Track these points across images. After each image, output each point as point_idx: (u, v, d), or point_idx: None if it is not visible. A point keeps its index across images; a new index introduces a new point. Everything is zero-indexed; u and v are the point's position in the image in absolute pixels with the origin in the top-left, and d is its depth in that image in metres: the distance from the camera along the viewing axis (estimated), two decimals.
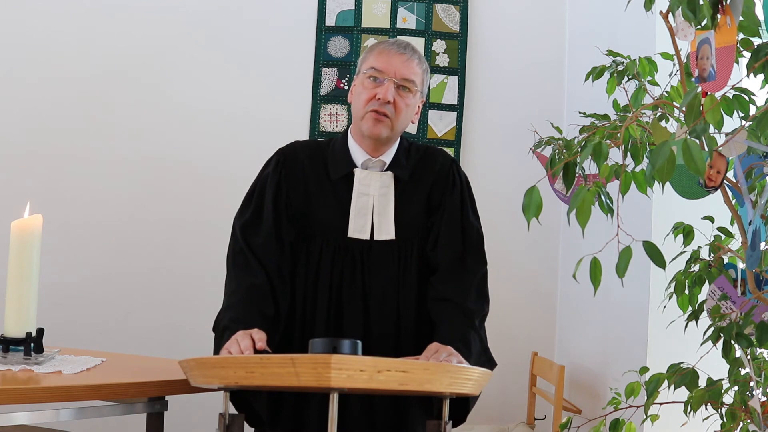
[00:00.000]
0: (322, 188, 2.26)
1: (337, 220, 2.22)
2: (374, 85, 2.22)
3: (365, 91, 2.23)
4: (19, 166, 4.24)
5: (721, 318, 2.18)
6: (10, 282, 2.27)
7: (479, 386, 1.67)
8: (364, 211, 2.21)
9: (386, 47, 2.25)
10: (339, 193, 2.24)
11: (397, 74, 2.21)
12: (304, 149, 2.33)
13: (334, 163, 2.28)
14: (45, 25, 4.30)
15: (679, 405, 2.25)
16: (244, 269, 2.19)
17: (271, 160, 2.32)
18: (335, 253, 2.21)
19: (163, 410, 2.28)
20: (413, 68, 2.24)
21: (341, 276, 2.20)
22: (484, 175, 4.15)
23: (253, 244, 2.21)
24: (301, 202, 2.25)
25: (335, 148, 2.31)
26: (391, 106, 2.20)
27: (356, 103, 2.26)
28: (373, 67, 2.23)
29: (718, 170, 1.91)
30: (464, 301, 2.27)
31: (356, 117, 2.26)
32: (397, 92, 2.21)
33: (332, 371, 1.43)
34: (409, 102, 2.25)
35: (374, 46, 2.29)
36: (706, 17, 1.78)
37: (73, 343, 2.78)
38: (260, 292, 2.15)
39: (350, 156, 2.28)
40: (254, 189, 2.30)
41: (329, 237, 2.22)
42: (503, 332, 4.14)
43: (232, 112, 4.21)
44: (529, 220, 1.84)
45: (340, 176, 2.25)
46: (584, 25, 4.02)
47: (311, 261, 2.21)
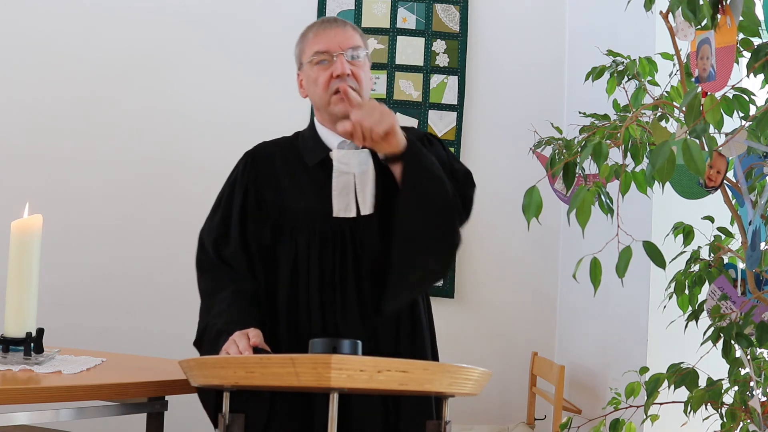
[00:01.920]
0: (298, 179, 2.22)
1: (319, 205, 2.17)
2: (324, 67, 2.18)
3: (319, 76, 2.19)
4: (19, 166, 4.25)
5: (721, 318, 2.18)
6: (10, 282, 2.27)
7: (479, 386, 1.67)
8: (347, 190, 2.17)
9: (318, 28, 2.22)
10: (317, 178, 2.19)
11: (343, 46, 2.18)
12: (273, 146, 2.30)
13: (307, 151, 2.24)
14: (45, 26, 4.31)
15: (679, 405, 2.25)
16: (225, 278, 2.16)
17: (239, 164, 2.29)
18: (323, 239, 2.15)
19: (163, 410, 2.28)
20: (352, 35, 2.21)
21: (333, 260, 2.14)
22: (484, 175, 4.13)
23: (225, 255, 2.18)
24: (276, 198, 2.21)
25: (305, 139, 2.28)
26: (351, 78, 2.17)
27: (315, 92, 2.22)
28: (316, 51, 2.19)
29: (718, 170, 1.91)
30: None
31: (321, 104, 2.22)
32: (349, 63, 2.18)
33: (332, 371, 1.43)
34: (365, 68, 2.22)
35: (305, 35, 2.25)
36: (706, 17, 1.78)
37: (73, 343, 2.78)
38: (246, 296, 2.12)
39: (322, 142, 2.23)
40: (221, 197, 2.27)
41: (314, 225, 2.16)
42: (503, 332, 4.14)
43: (232, 113, 4.21)
44: (529, 220, 1.85)
45: (315, 162, 2.21)
46: (584, 25, 4.02)
47: (300, 254, 2.15)
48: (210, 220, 2.26)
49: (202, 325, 2.15)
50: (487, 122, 4.19)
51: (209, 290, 2.18)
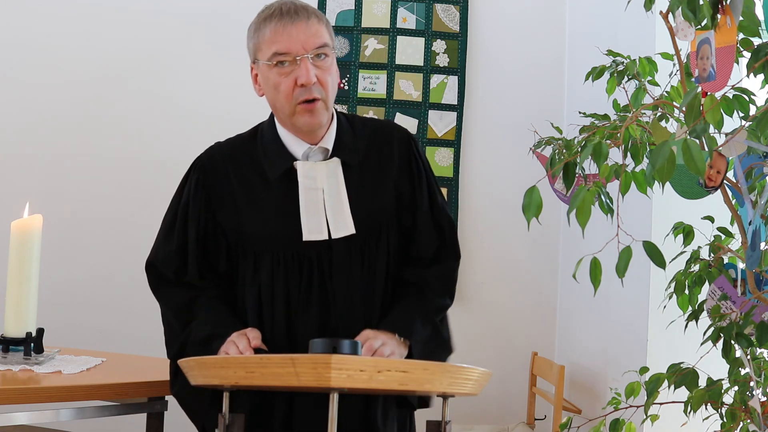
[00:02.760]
0: (257, 196, 1.97)
1: (284, 229, 1.94)
2: (286, 71, 1.91)
3: (281, 82, 1.91)
4: (19, 165, 4.25)
5: (721, 318, 2.18)
6: (10, 282, 2.28)
7: (479, 386, 1.67)
8: (315, 208, 1.93)
9: (277, 24, 1.90)
10: (281, 195, 1.96)
11: (307, 46, 1.90)
12: (226, 155, 2.03)
13: (268, 161, 1.98)
14: (45, 27, 4.31)
15: (679, 405, 2.25)
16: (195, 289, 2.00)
17: (189, 181, 2.04)
18: (287, 266, 1.94)
19: (163, 410, 2.29)
20: (317, 30, 1.92)
21: (299, 290, 1.93)
22: (484, 175, 4.16)
23: (187, 279, 2.00)
24: (234, 222, 1.97)
25: (265, 143, 2.01)
26: (317, 85, 1.91)
27: (276, 99, 1.95)
28: (276, 52, 1.90)
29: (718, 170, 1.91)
30: (425, 289, 2.03)
31: (283, 114, 1.96)
32: (314, 65, 1.91)
33: (332, 371, 1.43)
34: (332, 69, 1.95)
35: (261, 28, 1.94)
36: (706, 17, 1.78)
37: (73, 343, 2.78)
38: (222, 300, 2.00)
39: (286, 149, 1.98)
40: (173, 222, 2.04)
41: (279, 249, 1.94)
42: (503, 332, 4.14)
43: (232, 113, 4.20)
44: (529, 220, 1.84)
45: (278, 175, 1.96)
46: (584, 25, 4.02)
47: (263, 282, 1.95)
48: (163, 247, 2.04)
49: (182, 335, 1.99)
50: (487, 122, 4.19)
51: (181, 303, 2.00)
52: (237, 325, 1.95)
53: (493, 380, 1.77)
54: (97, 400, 2.19)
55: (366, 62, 4.19)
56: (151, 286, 2.08)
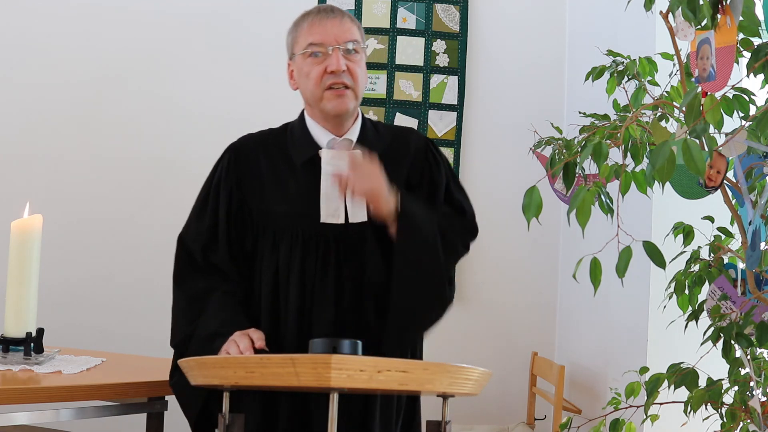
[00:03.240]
0: (283, 179, 2.09)
1: (305, 208, 2.05)
2: (318, 60, 2.05)
3: (312, 70, 2.05)
4: (19, 166, 4.25)
5: (721, 318, 2.18)
6: (10, 282, 2.28)
7: (479, 386, 1.67)
8: (335, 194, 2.03)
9: (314, 18, 2.07)
10: (305, 179, 2.07)
11: (339, 39, 2.05)
12: (258, 141, 2.17)
13: (295, 148, 2.11)
14: (44, 27, 4.30)
15: (679, 405, 2.25)
16: (216, 280, 2.07)
17: (222, 161, 2.17)
18: (305, 245, 2.04)
19: (163, 410, 2.29)
20: (350, 28, 2.08)
21: (314, 268, 2.03)
22: (484, 175, 4.16)
23: (214, 261, 2.09)
24: (259, 203, 2.09)
25: (294, 134, 2.14)
26: (347, 74, 2.05)
27: (307, 86, 2.08)
28: (311, 42, 2.05)
29: (718, 170, 1.92)
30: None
31: (312, 100, 2.08)
32: (345, 57, 2.05)
33: (332, 371, 1.43)
34: (361, 64, 2.10)
35: (299, 24, 2.10)
36: (706, 17, 1.78)
37: (73, 343, 2.78)
38: (236, 298, 2.05)
39: (312, 138, 2.11)
40: (206, 198, 2.15)
41: (298, 229, 2.04)
42: (503, 332, 4.14)
43: (232, 114, 4.21)
44: (529, 220, 1.84)
45: (304, 160, 2.08)
46: (584, 25, 4.02)
47: (281, 258, 2.04)
48: (195, 223, 2.14)
49: (189, 327, 2.05)
50: (487, 122, 4.19)
51: (195, 293, 2.08)
52: (244, 326, 1.97)
53: (493, 380, 1.77)
54: (97, 400, 2.19)
55: (366, 62, 4.18)
56: (176, 262, 2.17)
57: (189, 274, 2.12)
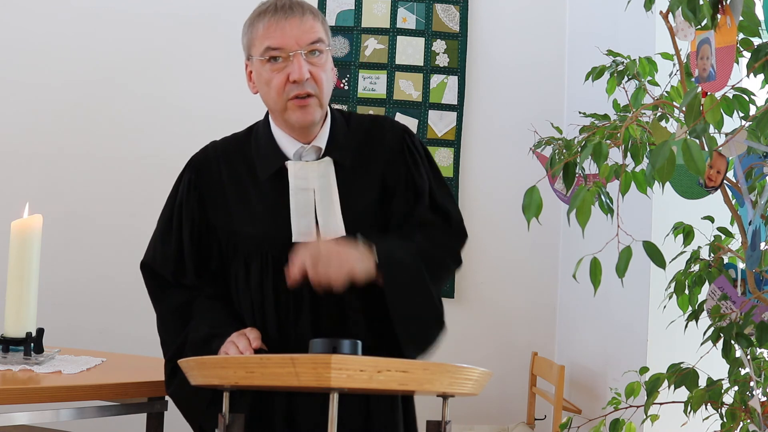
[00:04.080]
0: (249, 195, 1.95)
1: (274, 228, 1.91)
2: (278, 67, 1.88)
3: (273, 77, 1.89)
4: (19, 165, 4.25)
5: (721, 318, 2.18)
6: (10, 282, 2.28)
7: (479, 386, 1.67)
8: (307, 210, 1.90)
9: (271, 19, 1.89)
10: (272, 194, 1.93)
11: (300, 42, 1.87)
12: (220, 153, 2.01)
13: (260, 160, 1.96)
14: (44, 28, 4.31)
15: (679, 405, 2.25)
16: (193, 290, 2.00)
17: (182, 180, 2.03)
18: (277, 266, 1.90)
19: (163, 410, 2.29)
20: (312, 26, 1.89)
21: (288, 291, 1.89)
22: (484, 175, 4.16)
23: (185, 282, 2.00)
24: (224, 222, 1.96)
25: (259, 142, 1.99)
26: (311, 81, 1.88)
27: (268, 95, 1.92)
28: (268, 46, 1.88)
29: (718, 170, 1.91)
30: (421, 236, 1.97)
31: (275, 110, 1.94)
32: (308, 61, 1.89)
33: (332, 371, 1.43)
34: (326, 66, 1.93)
35: (255, 23, 1.93)
36: (706, 17, 1.78)
37: (73, 343, 2.78)
38: (221, 300, 1.99)
39: (278, 148, 1.95)
40: (169, 222, 2.03)
41: (268, 251, 1.92)
42: (503, 332, 4.14)
43: (230, 114, 4.19)
44: (529, 220, 1.84)
45: (270, 174, 1.94)
46: (584, 25, 4.02)
47: (253, 283, 1.94)
48: (161, 247, 2.03)
49: (180, 337, 1.97)
50: (487, 122, 4.19)
51: (178, 303, 2.00)
52: (236, 325, 1.94)
53: (493, 380, 1.77)
54: (97, 400, 2.19)
55: (366, 62, 4.19)
56: (148, 287, 2.08)
57: (165, 292, 2.04)
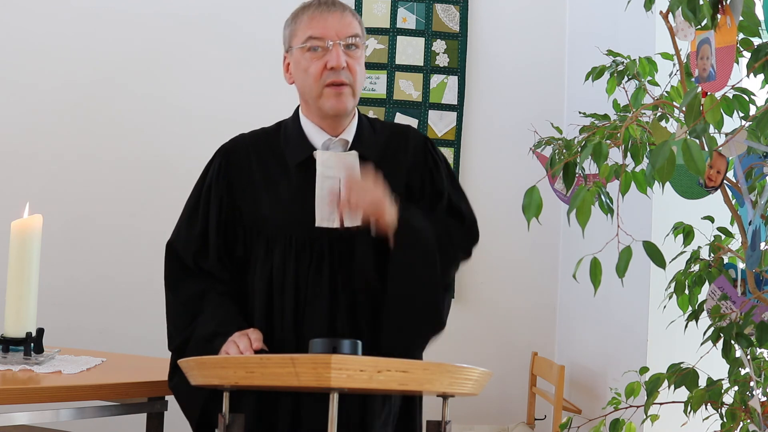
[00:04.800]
0: (275, 182, 2.03)
1: (299, 213, 1.98)
2: (317, 55, 1.98)
3: (311, 65, 1.98)
4: (19, 166, 4.25)
5: (721, 318, 2.18)
6: (10, 282, 2.28)
7: (479, 386, 1.67)
8: (331, 197, 1.97)
9: (315, 11, 2.00)
10: (299, 182, 2.01)
11: (340, 34, 1.99)
12: (250, 142, 2.11)
13: (289, 149, 2.05)
14: (44, 28, 4.31)
15: (679, 405, 2.25)
16: (209, 282, 2.04)
17: (213, 165, 2.11)
18: (299, 250, 1.98)
19: (163, 410, 2.29)
20: (351, 22, 2.01)
21: (308, 273, 1.98)
22: (484, 175, 4.16)
23: (205, 267, 2.05)
24: (251, 207, 2.04)
25: (288, 133, 2.08)
26: (346, 70, 1.99)
27: (304, 82, 2.01)
28: (310, 36, 1.98)
29: (718, 170, 1.92)
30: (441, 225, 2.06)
31: (310, 97, 2.02)
32: (345, 53, 1.99)
33: (332, 371, 1.43)
34: (361, 60, 2.04)
35: (299, 16, 2.03)
36: (706, 17, 1.78)
37: (73, 343, 2.78)
38: (232, 299, 2.03)
39: (307, 138, 2.04)
40: (196, 204, 2.09)
41: (291, 234, 1.99)
42: (503, 332, 4.14)
43: (232, 114, 4.21)
44: (529, 220, 1.84)
45: (298, 162, 2.02)
46: (584, 25, 4.02)
47: (276, 264, 1.99)
48: (186, 229, 2.09)
49: (186, 331, 2.02)
50: (487, 122, 4.19)
51: (191, 294, 2.04)
52: (242, 325, 1.96)
53: (493, 380, 1.77)
54: (97, 400, 2.19)
55: (366, 62, 4.18)
56: (166, 269, 2.12)
57: (181, 279, 2.08)
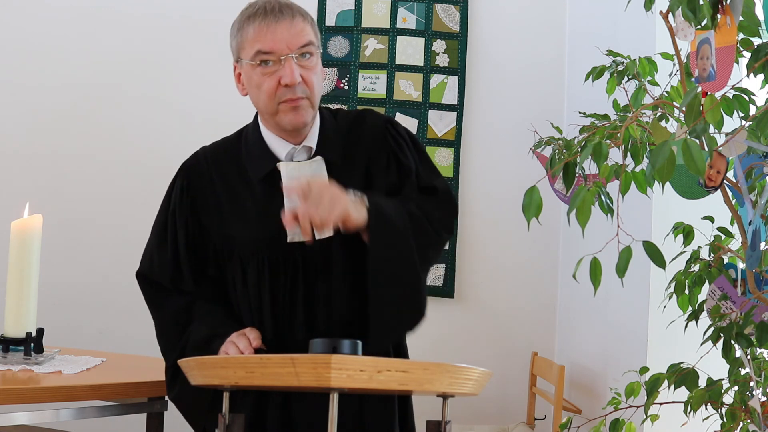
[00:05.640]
0: (241, 200, 1.95)
1: (268, 230, 1.90)
2: (269, 70, 1.88)
3: (264, 81, 1.89)
4: (19, 165, 4.25)
5: (721, 318, 2.18)
6: (10, 282, 2.28)
7: (479, 386, 1.67)
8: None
9: (261, 23, 1.87)
10: (265, 197, 1.93)
11: (291, 46, 1.87)
12: (211, 157, 2.02)
13: (251, 162, 1.96)
14: (44, 30, 4.31)
15: (679, 405, 2.25)
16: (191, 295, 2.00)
17: (174, 186, 2.02)
18: (273, 268, 1.92)
19: (163, 410, 2.29)
20: (302, 29, 1.89)
21: (285, 287, 1.92)
22: (484, 175, 4.16)
23: (185, 287, 2.00)
24: (218, 227, 1.96)
25: (249, 145, 1.99)
26: (302, 84, 1.88)
27: (258, 99, 1.92)
28: (259, 50, 1.87)
29: (718, 170, 1.91)
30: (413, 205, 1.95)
31: (266, 113, 1.94)
32: (299, 64, 1.88)
33: (332, 371, 1.43)
34: (317, 68, 1.92)
35: (245, 26, 1.91)
36: (706, 17, 1.78)
37: (73, 343, 2.78)
38: (217, 304, 2.00)
39: (269, 150, 1.95)
40: (164, 229, 2.02)
41: (263, 253, 1.92)
42: (503, 332, 4.14)
43: (231, 114, 4.17)
44: (529, 220, 1.84)
45: (262, 176, 1.94)
46: (584, 25, 4.02)
47: (251, 287, 1.94)
48: (157, 255, 2.03)
49: (181, 342, 1.97)
50: (487, 122, 4.19)
51: (177, 308, 2.00)
52: (236, 326, 1.95)
53: (493, 380, 1.77)
54: (97, 400, 2.19)
55: (366, 62, 4.19)
56: (146, 295, 2.08)
57: (163, 298, 2.04)
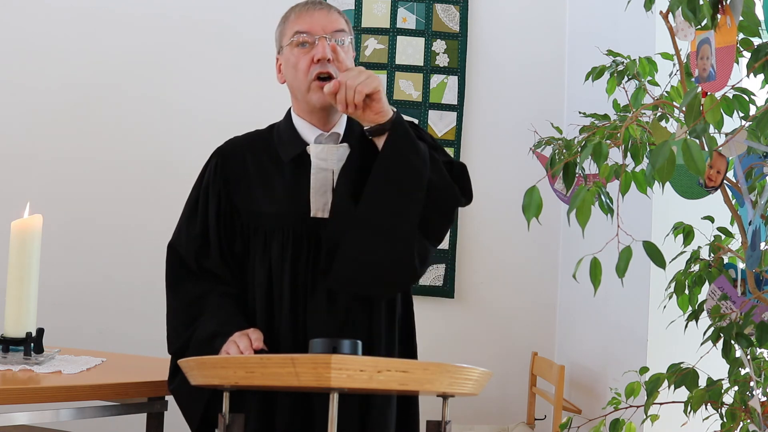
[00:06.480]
0: (271, 178, 2.08)
1: (294, 206, 2.04)
2: (305, 51, 2.05)
3: (300, 60, 2.05)
4: (19, 166, 4.25)
5: (721, 318, 2.18)
6: (10, 282, 2.28)
7: (479, 386, 1.67)
8: (324, 188, 2.04)
9: (301, 9, 2.09)
10: (293, 176, 2.07)
11: (326, 29, 2.06)
12: (244, 142, 2.18)
13: (282, 146, 2.11)
14: (44, 30, 4.31)
15: (679, 405, 2.25)
16: (209, 283, 2.08)
17: (209, 165, 2.17)
18: (296, 242, 2.03)
19: (163, 410, 2.29)
20: (337, 19, 2.09)
21: (306, 264, 2.02)
22: (484, 175, 4.15)
23: (207, 266, 2.09)
24: (248, 204, 2.08)
25: (281, 132, 2.14)
26: (333, 63, 2.03)
27: (293, 78, 2.08)
28: (297, 31, 2.06)
29: (718, 170, 1.91)
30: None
31: (299, 92, 2.08)
32: (332, 46, 2.05)
33: (332, 371, 1.43)
34: (349, 54, 2.10)
35: (287, 16, 2.12)
36: (706, 17, 1.78)
37: (73, 343, 2.78)
38: (233, 299, 2.06)
39: (299, 135, 2.10)
40: (195, 203, 2.14)
41: (288, 227, 2.03)
42: (503, 332, 4.14)
43: (232, 115, 4.21)
44: (529, 220, 1.84)
45: (291, 157, 2.07)
46: (584, 25, 4.02)
47: (274, 257, 2.03)
48: (186, 229, 2.14)
49: (187, 332, 2.04)
50: (487, 122, 4.19)
51: (192, 297, 2.08)
52: (242, 325, 1.98)
53: (493, 380, 1.77)
54: (97, 400, 2.19)
55: (366, 62, 4.19)
56: (168, 270, 2.16)
57: (182, 280, 2.12)
